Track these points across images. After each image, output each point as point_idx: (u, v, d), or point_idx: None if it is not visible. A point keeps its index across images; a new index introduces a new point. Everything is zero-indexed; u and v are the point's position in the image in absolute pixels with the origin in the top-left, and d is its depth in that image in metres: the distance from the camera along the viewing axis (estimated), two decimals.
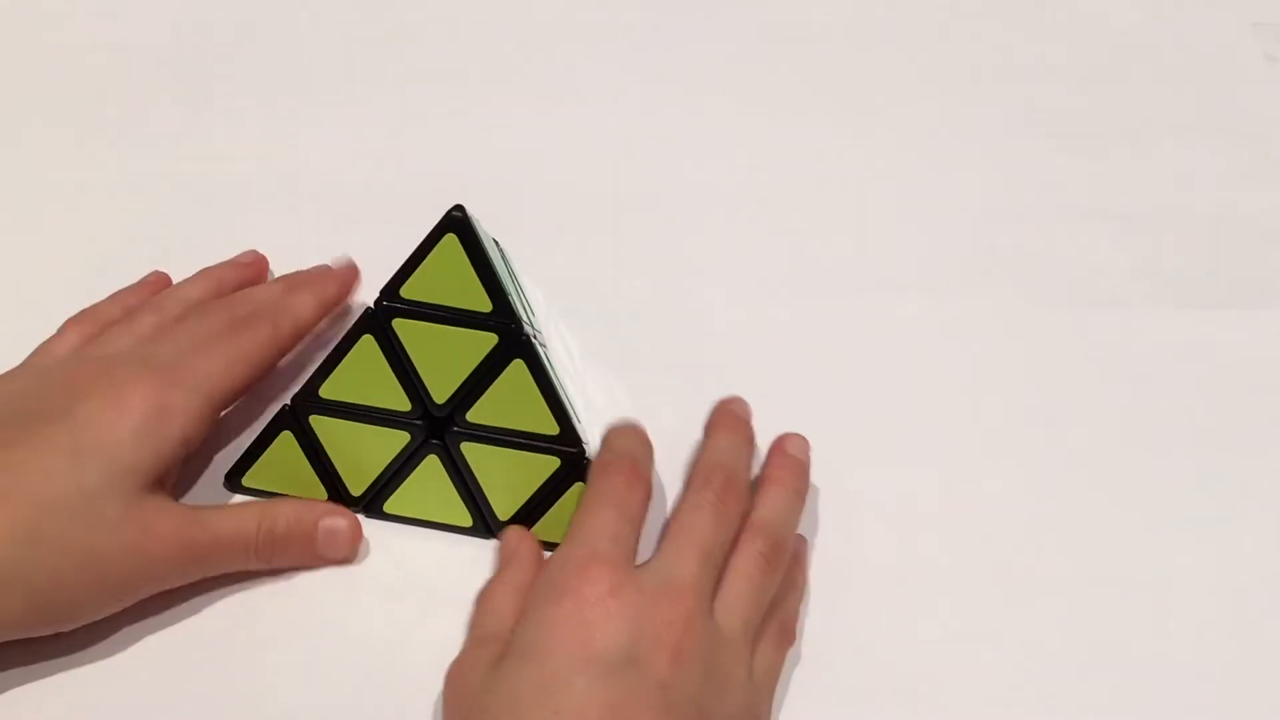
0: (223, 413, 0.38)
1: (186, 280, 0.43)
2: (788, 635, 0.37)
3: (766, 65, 0.55)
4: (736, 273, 0.47)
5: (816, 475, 0.42)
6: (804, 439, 0.40)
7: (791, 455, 0.40)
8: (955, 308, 0.47)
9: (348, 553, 0.39)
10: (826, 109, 0.53)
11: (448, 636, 0.37)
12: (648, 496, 0.37)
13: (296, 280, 0.42)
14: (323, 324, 0.43)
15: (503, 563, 0.38)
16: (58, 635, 0.35)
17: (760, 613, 0.36)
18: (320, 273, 0.43)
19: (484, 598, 0.36)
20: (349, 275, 0.43)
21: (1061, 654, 0.38)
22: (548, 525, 0.39)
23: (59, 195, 0.49)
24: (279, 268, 0.45)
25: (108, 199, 0.48)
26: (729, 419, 0.40)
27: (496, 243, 0.44)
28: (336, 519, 0.38)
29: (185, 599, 0.38)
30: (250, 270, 0.44)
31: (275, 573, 0.39)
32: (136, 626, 0.37)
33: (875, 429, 0.43)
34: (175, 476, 0.37)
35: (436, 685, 0.36)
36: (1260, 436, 0.44)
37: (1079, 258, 0.49)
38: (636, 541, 0.35)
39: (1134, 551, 0.41)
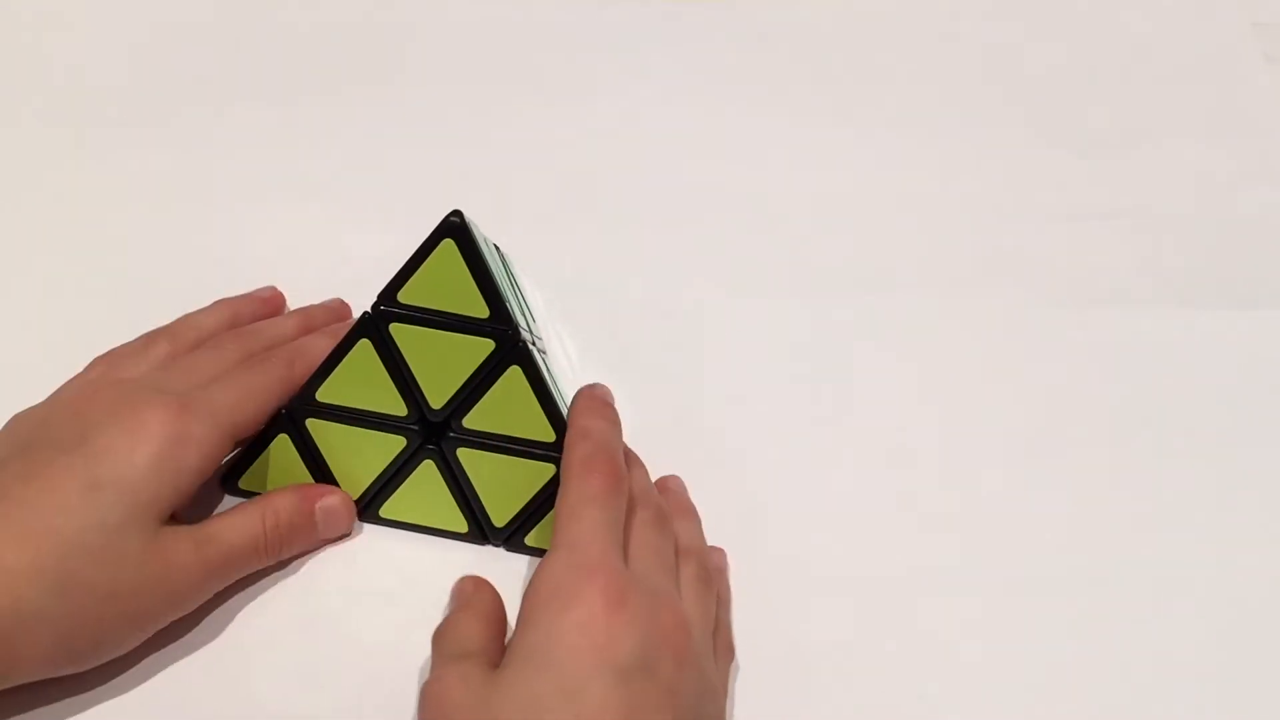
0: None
1: (202, 309, 0.42)
2: (729, 650, 0.38)
3: (767, 65, 0.55)
4: (736, 273, 0.47)
5: (816, 475, 0.42)
6: (679, 479, 0.41)
7: (677, 492, 0.41)
8: (955, 308, 0.47)
9: (346, 528, 0.40)
10: (827, 109, 0.53)
11: None
12: (627, 499, 0.37)
13: (309, 317, 0.43)
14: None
15: (460, 600, 0.37)
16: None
17: (710, 628, 0.36)
18: (329, 311, 0.44)
19: (447, 626, 0.36)
20: (345, 313, 0.44)
21: (1060, 653, 0.38)
22: (544, 532, 0.39)
23: (59, 195, 0.49)
24: (280, 267, 0.45)
25: (106, 199, 0.48)
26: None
27: (497, 247, 0.43)
28: (330, 499, 0.39)
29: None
30: (267, 306, 0.44)
31: (274, 572, 0.39)
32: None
33: (875, 429, 0.43)
34: (189, 505, 0.37)
35: None
36: (1260, 436, 0.44)
37: (1079, 258, 0.49)
38: (623, 547, 0.35)
39: (1134, 551, 0.41)
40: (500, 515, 0.39)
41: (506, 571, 0.39)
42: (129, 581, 0.34)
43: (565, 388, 0.42)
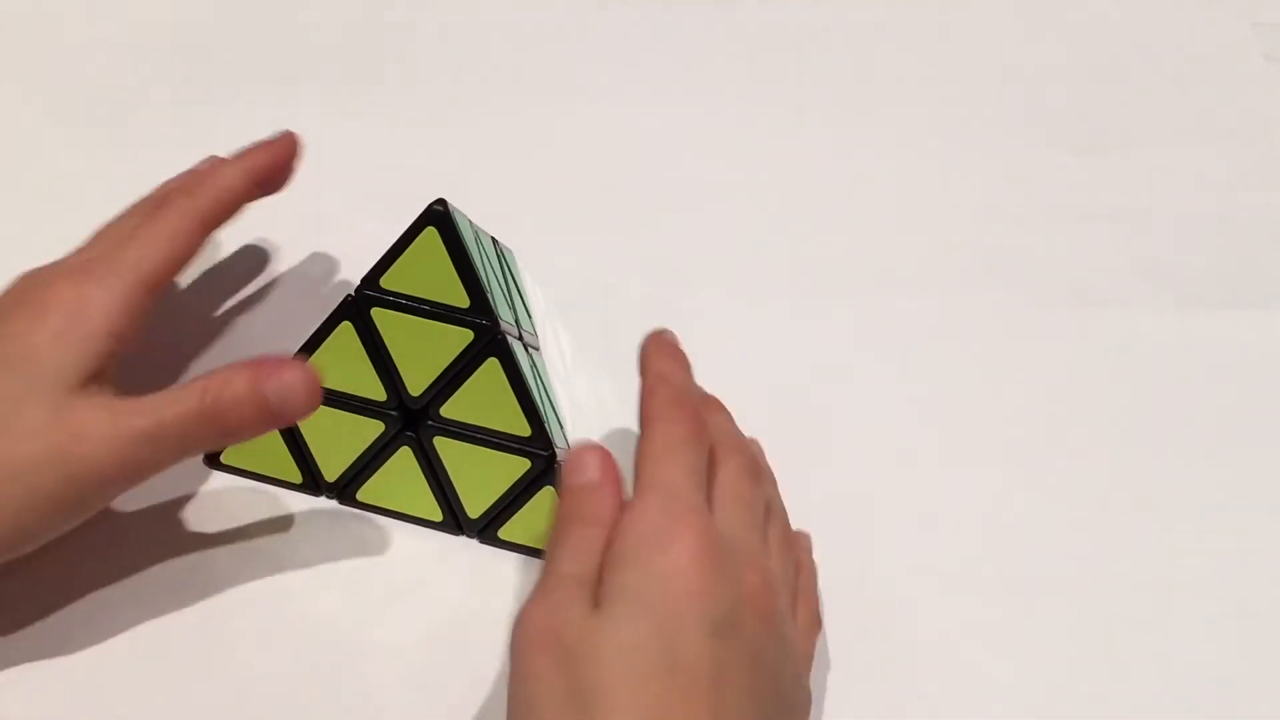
0: (155, 298, 0.36)
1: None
2: (817, 623, 0.37)
3: (766, 65, 0.55)
4: (735, 272, 0.47)
5: (817, 475, 0.42)
6: (759, 444, 0.39)
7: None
8: (955, 308, 0.47)
9: (305, 405, 0.34)
10: (827, 109, 0.53)
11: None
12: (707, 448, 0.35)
13: (248, 157, 0.40)
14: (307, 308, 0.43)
15: (573, 495, 0.33)
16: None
17: (791, 592, 0.35)
18: (270, 149, 0.40)
19: (563, 533, 0.32)
20: (283, 144, 0.40)
21: (1060, 654, 0.38)
22: (517, 526, 0.39)
23: (59, 195, 0.48)
24: (285, 261, 0.46)
25: (107, 198, 0.48)
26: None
27: (496, 242, 0.43)
28: (287, 374, 0.33)
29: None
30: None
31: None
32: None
33: (874, 429, 0.43)
34: (114, 372, 0.35)
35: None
36: (1261, 436, 0.44)
37: (1079, 258, 0.48)
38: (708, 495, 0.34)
39: (1134, 551, 0.41)
40: (475, 507, 0.39)
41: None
42: (30, 453, 0.32)
43: (555, 386, 0.42)
